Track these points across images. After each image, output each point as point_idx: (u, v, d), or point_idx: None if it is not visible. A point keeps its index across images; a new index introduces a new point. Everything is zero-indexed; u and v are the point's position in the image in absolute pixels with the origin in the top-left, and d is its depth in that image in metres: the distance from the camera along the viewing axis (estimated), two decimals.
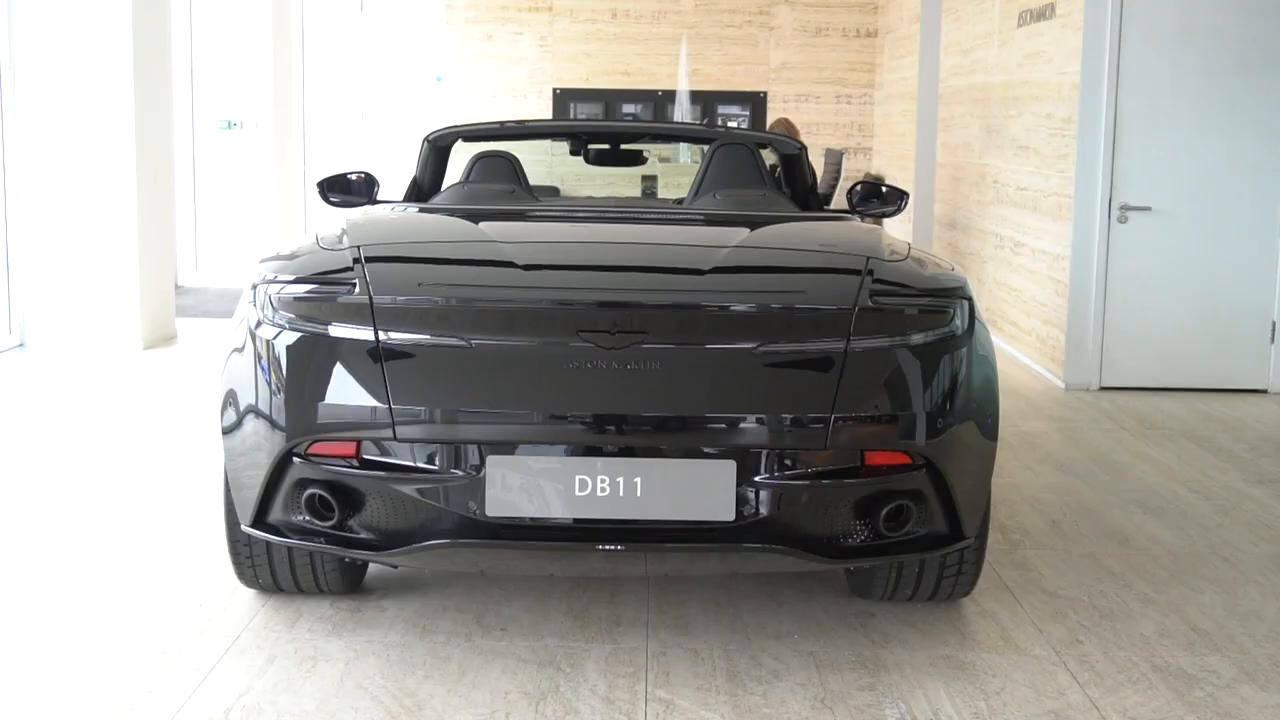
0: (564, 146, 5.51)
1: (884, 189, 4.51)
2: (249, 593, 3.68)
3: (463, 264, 3.41)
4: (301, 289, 3.13)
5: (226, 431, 3.23)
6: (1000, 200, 8.15)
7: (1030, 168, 7.47)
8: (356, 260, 3.17)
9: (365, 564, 3.75)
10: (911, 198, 4.41)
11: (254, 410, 3.13)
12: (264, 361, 3.12)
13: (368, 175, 4.58)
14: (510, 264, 3.24)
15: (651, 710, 3.02)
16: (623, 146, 4.98)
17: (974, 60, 8.91)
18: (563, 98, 12.61)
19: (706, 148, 4.48)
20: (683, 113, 12.61)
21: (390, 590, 3.72)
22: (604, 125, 4.84)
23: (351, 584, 3.64)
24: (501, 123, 4.87)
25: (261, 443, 3.10)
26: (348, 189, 4.53)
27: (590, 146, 4.96)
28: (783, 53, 12.70)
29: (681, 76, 12.61)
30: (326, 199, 4.54)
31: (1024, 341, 7.60)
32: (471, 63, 12.65)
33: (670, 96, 12.62)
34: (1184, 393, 6.77)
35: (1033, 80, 7.46)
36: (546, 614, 3.57)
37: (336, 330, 3.04)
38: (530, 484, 2.95)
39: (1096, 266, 6.73)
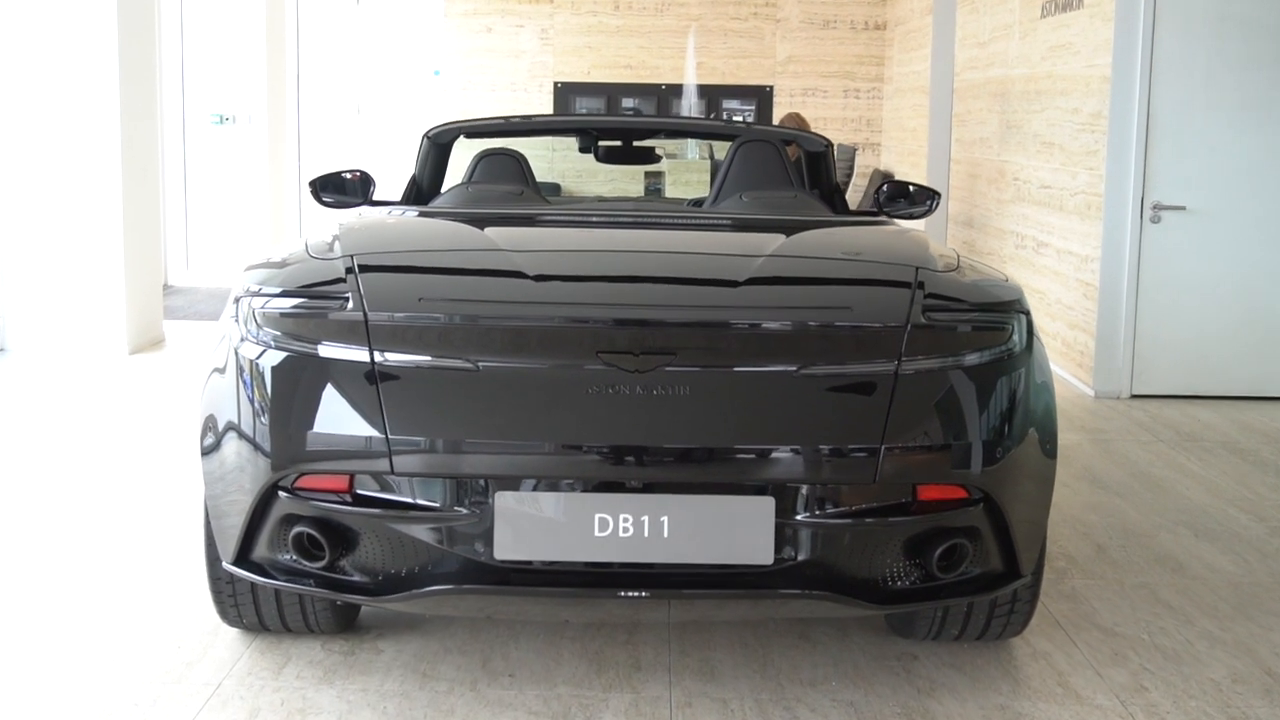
0: (566, 141, 5.19)
1: (912, 189, 4.19)
2: (232, 633, 3.36)
3: (467, 275, 3.08)
4: (288, 303, 2.81)
5: (206, 457, 2.91)
6: (1021, 198, 7.83)
7: (1055, 165, 7.15)
8: (350, 270, 2.85)
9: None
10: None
11: (236, 437, 2.81)
12: (247, 383, 2.81)
13: (363, 174, 4.26)
14: (520, 275, 2.93)
15: None
16: (635, 144, 4.65)
17: (992, 53, 8.59)
18: (564, 92, 12.28)
19: (716, 145, 4.15)
20: (689, 107, 12.29)
21: (387, 630, 3.40)
22: (616, 121, 4.52)
23: (344, 623, 3.33)
24: (506, 118, 4.54)
25: (244, 474, 2.79)
26: (342, 189, 4.21)
27: (601, 144, 4.63)
28: (789, 46, 12.37)
29: (689, 70, 12.28)
30: (319, 199, 4.21)
31: (1049, 346, 7.29)
32: (470, 56, 12.32)
33: (674, 90, 12.30)
34: (1220, 401, 6.46)
35: (1058, 74, 7.14)
36: (559, 657, 3.25)
37: (327, 350, 2.72)
38: (544, 523, 2.64)
39: (1128, 268, 6.41)
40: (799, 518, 2.67)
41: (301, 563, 2.80)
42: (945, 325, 2.79)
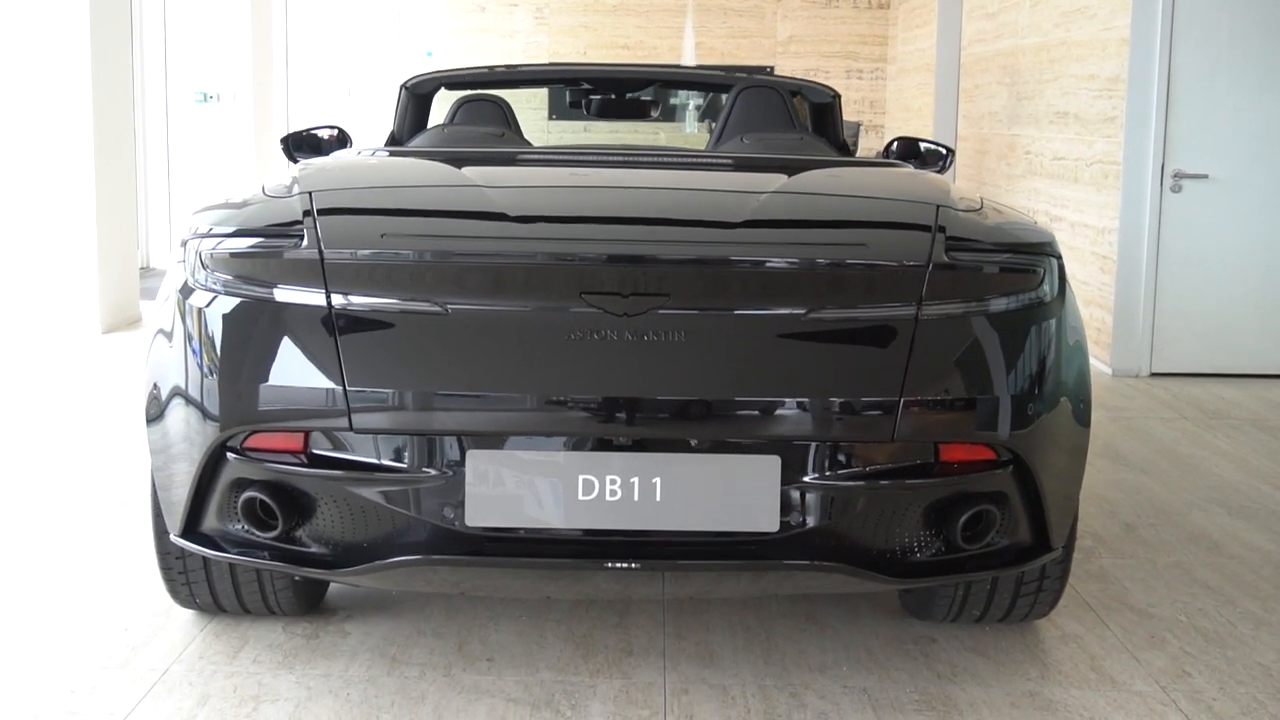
0: (543, 102, 4.85)
1: (923, 147, 3.90)
2: (185, 616, 3.07)
3: (437, 211, 2.77)
4: (239, 244, 2.51)
5: (151, 422, 2.62)
6: (1033, 172, 7.53)
7: (1069, 135, 6.85)
8: (307, 212, 2.53)
9: (324, 582, 3.14)
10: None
11: (181, 395, 2.52)
12: (192, 334, 2.51)
13: (340, 131, 3.97)
14: (495, 210, 2.63)
15: None
16: (629, 96, 4.34)
17: (1001, 24, 8.28)
18: (558, 100, 11.98)
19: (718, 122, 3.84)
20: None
21: (355, 612, 3.11)
22: (608, 69, 4.21)
23: (308, 604, 3.04)
24: (491, 67, 4.23)
25: (190, 435, 2.49)
26: (318, 148, 3.92)
27: (593, 97, 4.32)
28: (790, 25, 12.07)
29: (687, 50, 11.98)
30: (291, 158, 3.91)
31: None
32: (463, 36, 12.03)
33: None
34: (1244, 379, 6.16)
35: (1072, 40, 6.84)
36: (542, 641, 2.96)
37: (278, 294, 2.43)
38: (522, 486, 2.35)
39: (1147, 240, 6.11)
40: (807, 479, 2.37)
41: (254, 533, 2.51)
42: (971, 266, 2.49)
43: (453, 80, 4.14)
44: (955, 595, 2.93)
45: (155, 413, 2.59)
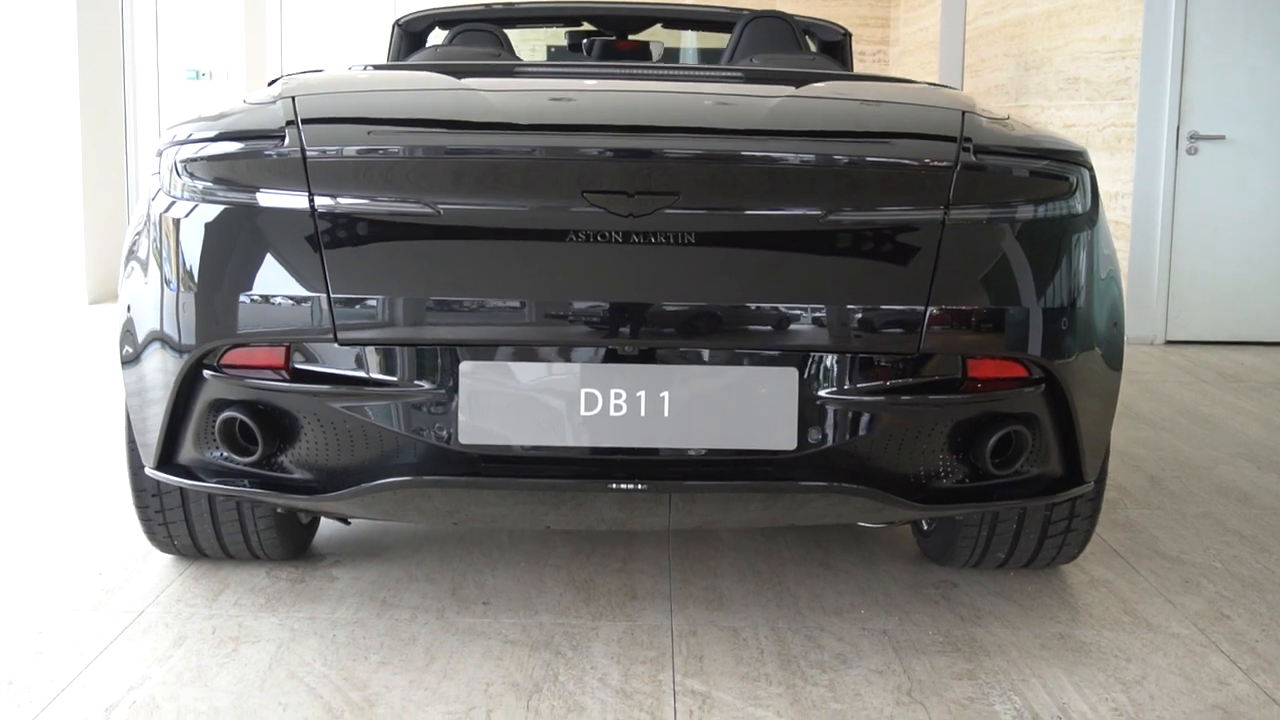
0: (542, 54, 4.67)
1: None
2: (164, 560, 2.90)
3: (430, 111, 2.58)
4: (216, 148, 2.33)
5: (124, 350, 2.45)
6: None
7: (1080, 100, 6.69)
8: (291, 114, 2.35)
9: (312, 524, 2.97)
10: None
11: (154, 313, 2.34)
12: (165, 247, 2.34)
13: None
14: (495, 111, 2.46)
15: (682, 706, 2.24)
16: (631, 37, 4.16)
17: None
18: (559, 55, 11.79)
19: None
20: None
21: (344, 556, 2.94)
22: (609, 5, 4.02)
23: (294, 548, 2.87)
24: (487, 4, 4.06)
25: (166, 354, 2.32)
26: None
27: (595, 39, 4.14)
28: (790, 8, 11.88)
29: (686, 37, 11.79)
30: None
31: None
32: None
33: (670, 55, 11.80)
34: (1264, 347, 5.99)
35: (1083, 3, 6.68)
36: (541, 585, 2.79)
37: (258, 198, 2.25)
38: (519, 401, 2.18)
39: (1162, 205, 5.95)
40: (827, 394, 2.20)
41: (233, 460, 2.34)
42: (1000, 169, 2.33)
43: (447, 17, 3.97)
44: (978, 537, 2.77)
45: (128, 339, 2.42)
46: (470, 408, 2.17)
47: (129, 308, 2.44)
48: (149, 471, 2.44)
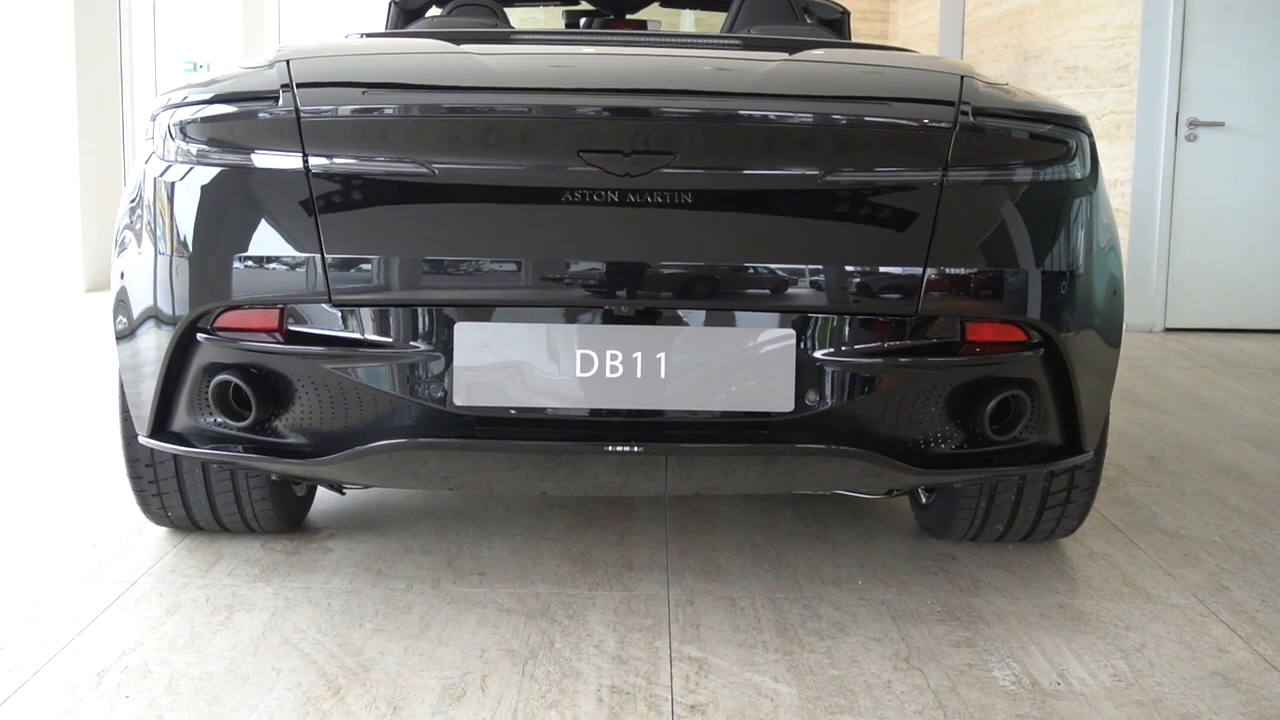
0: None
1: None
2: (158, 533, 2.88)
3: (426, 72, 2.56)
4: (210, 110, 2.32)
5: (117, 317, 2.43)
6: None
7: (1079, 89, 6.68)
8: (285, 86, 2.33)
9: (307, 497, 2.96)
10: None
11: (149, 278, 2.33)
12: (159, 210, 2.33)
13: None
14: (486, 67, 2.44)
15: (679, 671, 2.23)
16: (629, 16, 4.15)
17: None
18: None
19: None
20: None
21: (339, 529, 2.93)
22: None
23: (289, 520, 2.85)
24: None
25: (159, 319, 2.31)
26: None
27: (594, 18, 4.12)
28: None
29: (685, 28, 11.77)
30: None
31: None
32: None
33: None
34: (1263, 334, 5.98)
35: None
36: (537, 556, 2.77)
37: (252, 159, 2.24)
38: (514, 362, 2.16)
39: (1161, 192, 5.93)
40: (825, 356, 2.19)
41: (227, 425, 2.32)
42: (999, 131, 2.31)
43: None
44: (976, 509, 2.75)
45: (122, 308, 2.40)
46: (464, 370, 2.15)
47: (122, 275, 2.42)
48: (143, 440, 2.43)
